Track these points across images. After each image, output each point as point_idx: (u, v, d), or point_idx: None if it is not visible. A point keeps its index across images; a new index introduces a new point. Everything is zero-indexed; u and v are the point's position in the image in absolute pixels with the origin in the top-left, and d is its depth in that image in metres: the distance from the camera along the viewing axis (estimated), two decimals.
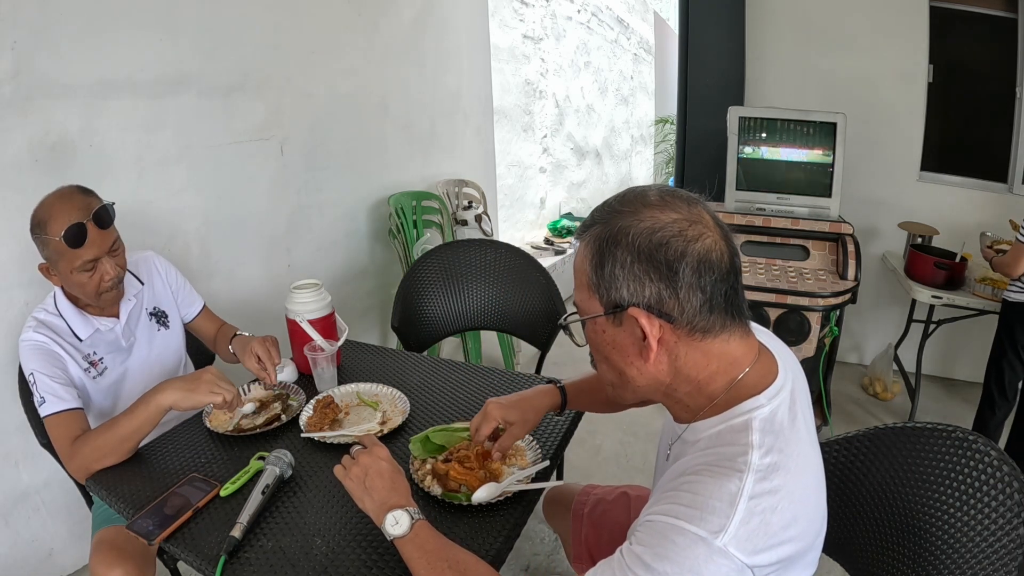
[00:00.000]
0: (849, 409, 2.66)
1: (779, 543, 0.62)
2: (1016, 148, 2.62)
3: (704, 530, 0.60)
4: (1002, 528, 0.76)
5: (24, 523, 1.68)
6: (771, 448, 0.65)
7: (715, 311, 0.67)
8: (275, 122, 2.23)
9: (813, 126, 2.29)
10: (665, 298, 0.66)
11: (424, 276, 1.98)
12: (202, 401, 1.11)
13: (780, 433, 0.67)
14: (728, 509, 0.61)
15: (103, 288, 1.21)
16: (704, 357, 0.69)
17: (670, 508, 0.64)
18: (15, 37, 1.48)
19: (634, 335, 0.69)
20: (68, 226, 1.12)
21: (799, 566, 0.67)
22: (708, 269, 0.66)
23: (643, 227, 0.66)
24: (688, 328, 0.67)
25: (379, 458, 0.91)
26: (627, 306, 0.67)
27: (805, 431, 0.70)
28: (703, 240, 0.66)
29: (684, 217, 0.67)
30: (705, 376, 0.70)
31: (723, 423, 0.69)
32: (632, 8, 6.69)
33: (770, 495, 0.62)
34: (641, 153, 7.34)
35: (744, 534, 0.60)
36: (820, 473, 0.72)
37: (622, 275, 0.67)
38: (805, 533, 0.66)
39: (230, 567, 0.89)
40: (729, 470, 0.64)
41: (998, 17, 2.59)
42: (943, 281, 2.29)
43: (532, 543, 1.86)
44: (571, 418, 1.24)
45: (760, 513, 0.61)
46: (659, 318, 0.67)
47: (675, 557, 0.60)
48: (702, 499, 0.62)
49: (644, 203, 0.69)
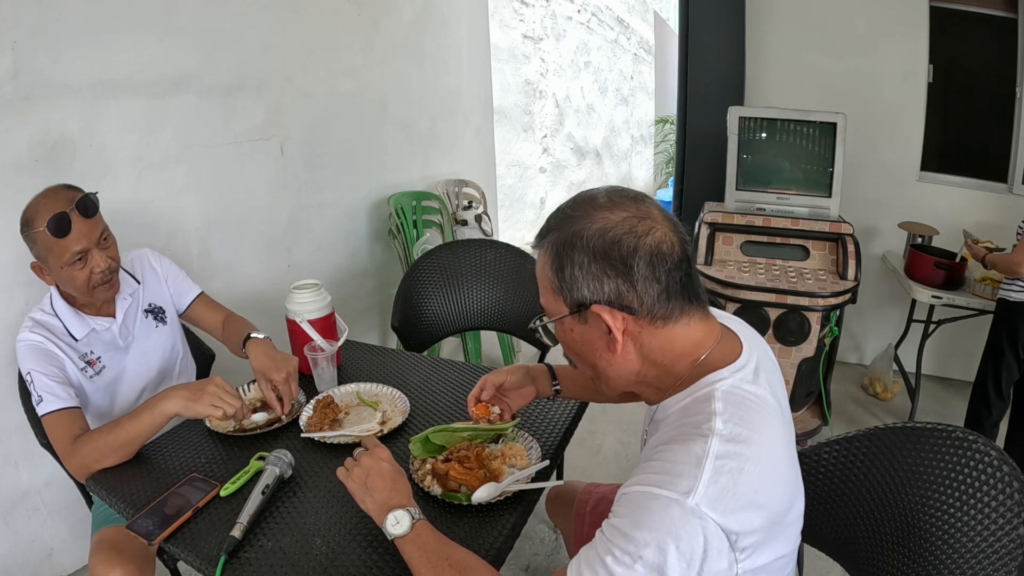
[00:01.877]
0: (849, 409, 2.66)
1: (751, 505, 0.64)
2: (1016, 148, 2.62)
3: (675, 492, 0.63)
4: (1002, 528, 0.76)
5: (24, 523, 1.68)
6: (733, 416, 0.68)
7: (672, 298, 0.71)
8: (275, 122, 2.23)
9: (813, 126, 2.29)
10: (624, 292, 0.70)
11: (424, 276, 1.98)
12: (202, 413, 1.11)
13: (742, 403, 0.70)
14: (695, 470, 0.63)
15: (94, 281, 1.20)
16: (668, 342, 0.74)
17: (642, 478, 0.67)
18: (15, 37, 1.48)
19: (600, 330, 0.73)
20: (52, 216, 1.12)
21: (777, 541, 0.69)
22: (661, 260, 0.70)
23: (595, 228, 0.70)
24: (649, 317, 0.71)
25: (380, 459, 0.92)
26: (590, 304, 0.71)
27: (774, 405, 0.73)
28: (653, 234, 0.70)
29: (633, 214, 0.71)
30: (671, 359, 0.74)
31: (688, 397, 0.73)
32: (632, 8, 6.69)
33: (736, 458, 0.65)
34: (641, 153, 7.34)
35: (714, 493, 0.63)
36: (790, 448, 0.73)
37: (581, 275, 0.71)
38: (776, 500, 0.67)
39: (230, 567, 0.89)
40: (695, 435, 0.67)
41: (998, 17, 2.59)
42: (943, 281, 2.29)
43: (532, 543, 1.86)
44: (571, 418, 1.24)
45: (728, 473, 0.64)
46: (621, 311, 0.71)
47: (651, 523, 0.63)
48: (671, 464, 0.66)
49: (594, 205, 0.73)
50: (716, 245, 2.33)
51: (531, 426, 1.21)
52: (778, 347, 2.16)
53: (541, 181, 5.20)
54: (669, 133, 6.58)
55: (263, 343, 1.32)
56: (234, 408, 1.12)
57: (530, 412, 1.26)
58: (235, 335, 1.37)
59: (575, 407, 1.27)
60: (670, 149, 6.43)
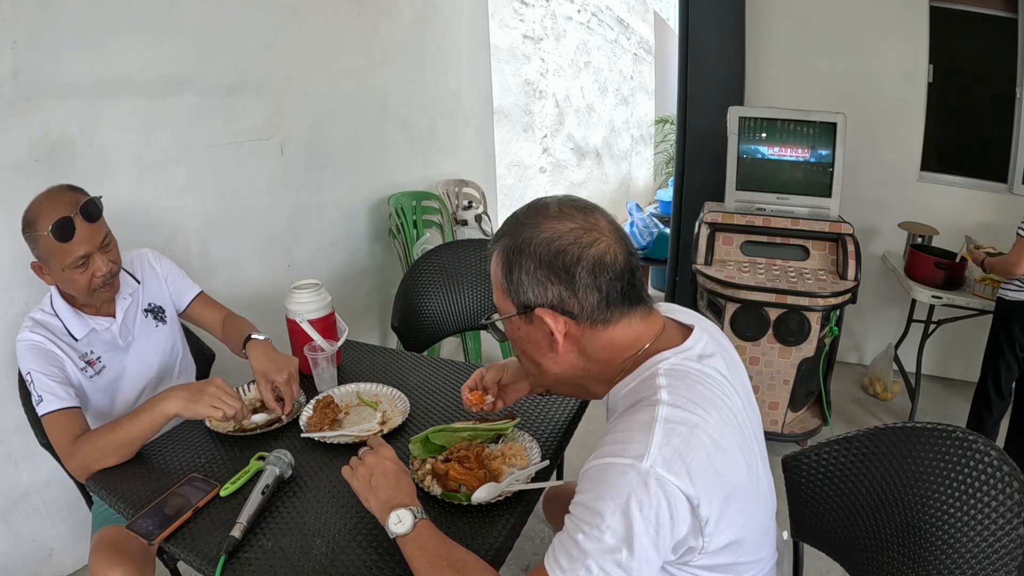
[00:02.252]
0: (849, 409, 2.66)
1: (706, 469, 0.67)
2: (1016, 148, 2.62)
3: (629, 457, 0.66)
4: (1002, 528, 0.76)
5: (24, 523, 1.68)
6: (678, 388, 0.72)
7: (612, 305, 0.76)
8: (275, 122, 2.23)
9: (813, 126, 2.29)
10: (566, 298, 0.75)
11: (424, 276, 1.98)
12: (202, 414, 1.11)
13: (685, 376, 0.74)
14: (646, 435, 0.67)
15: (95, 285, 1.20)
16: (608, 342, 0.78)
17: (598, 453, 0.70)
18: (15, 37, 1.48)
19: (544, 331, 0.77)
20: (55, 221, 1.12)
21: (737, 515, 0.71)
22: (602, 270, 0.74)
23: (543, 237, 0.75)
24: (589, 322, 0.76)
25: (384, 458, 0.93)
26: (534, 306, 0.76)
27: (721, 381, 0.76)
28: (597, 245, 0.74)
29: (579, 226, 0.75)
30: (613, 355, 0.79)
31: (635, 380, 0.77)
32: (632, 8, 6.69)
33: (684, 422, 0.68)
34: (641, 153, 7.34)
35: (668, 454, 0.66)
36: (746, 426, 0.76)
37: (527, 280, 0.75)
38: (732, 467, 0.70)
39: (230, 567, 0.89)
40: (643, 407, 0.71)
41: (998, 17, 2.59)
42: (943, 281, 2.29)
43: (532, 543, 1.86)
44: (571, 418, 1.24)
45: (679, 436, 0.67)
46: (563, 315, 0.75)
47: (612, 492, 0.65)
48: (622, 434, 0.69)
49: (544, 215, 0.77)
50: (716, 245, 2.33)
51: (531, 426, 1.21)
52: (778, 347, 2.17)
53: (541, 181, 5.20)
54: (669, 133, 6.58)
55: (263, 344, 1.31)
56: (234, 410, 1.11)
57: (530, 412, 1.26)
58: (235, 335, 1.37)
59: (575, 407, 1.27)
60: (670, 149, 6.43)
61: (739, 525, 0.71)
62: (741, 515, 0.71)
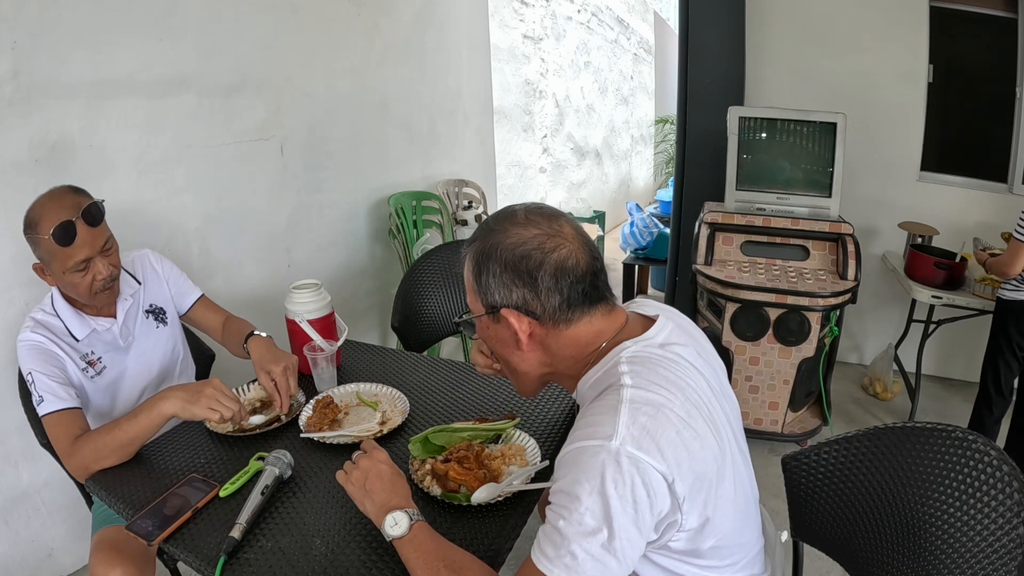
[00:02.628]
0: (849, 409, 2.66)
1: (676, 445, 0.69)
2: (1016, 148, 2.62)
3: (599, 439, 0.68)
4: (1002, 528, 0.76)
5: (24, 523, 1.68)
6: (640, 372, 0.74)
7: (573, 306, 0.79)
8: (275, 122, 2.23)
9: (813, 126, 2.29)
10: (529, 300, 0.79)
11: (424, 276, 1.98)
12: (199, 415, 1.10)
13: (647, 361, 0.76)
14: (613, 417, 0.69)
15: (96, 288, 1.20)
16: (572, 339, 0.82)
17: (570, 439, 0.73)
18: (15, 37, 1.48)
19: (510, 330, 0.82)
20: (57, 224, 1.12)
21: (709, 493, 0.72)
22: (564, 274, 0.78)
23: (509, 243, 0.79)
24: (552, 322, 0.80)
25: (379, 461, 0.93)
26: (500, 307, 0.80)
27: (686, 365, 0.79)
28: (559, 251, 0.78)
29: (544, 232, 0.79)
30: (577, 350, 0.82)
31: (600, 371, 0.80)
32: (632, 8, 6.69)
33: (649, 403, 0.71)
34: (641, 153, 7.34)
35: (636, 432, 0.68)
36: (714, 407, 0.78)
37: (494, 283, 0.80)
38: (700, 446, 0.71)
39: (230, 567, 0.89)
40: (608, 392, 0.74)
41: (998, 17, 2.59)
42: (943, 281, 2.29)
43: (532, 543, 1.86)
44: (571, 418, 1.24)
45: (645, 414, 0.69)
46: (527, 316, 0.80)
47: (587, 475, 0.67)
48: (591, 418, 0.72)
49: (512, 222, 0.81)
50: (716, 245, 2.33)
51: (531, 426, 1.21)
52: (778, 347, 2.17)
53: (541, 181, 5.20)
54: (669, 133, 6.58)
55: (264, 340, 1.34)
56: (231, 411, 1.11)
57: (530, 412, 1.26)
58: (236, 335, 1.38)
59: (575, 407, 1.27)
60: (670, 149, 6.43)
61: (712, 505, 0.73)
62: (714, 495, 0.73)
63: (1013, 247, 1.85)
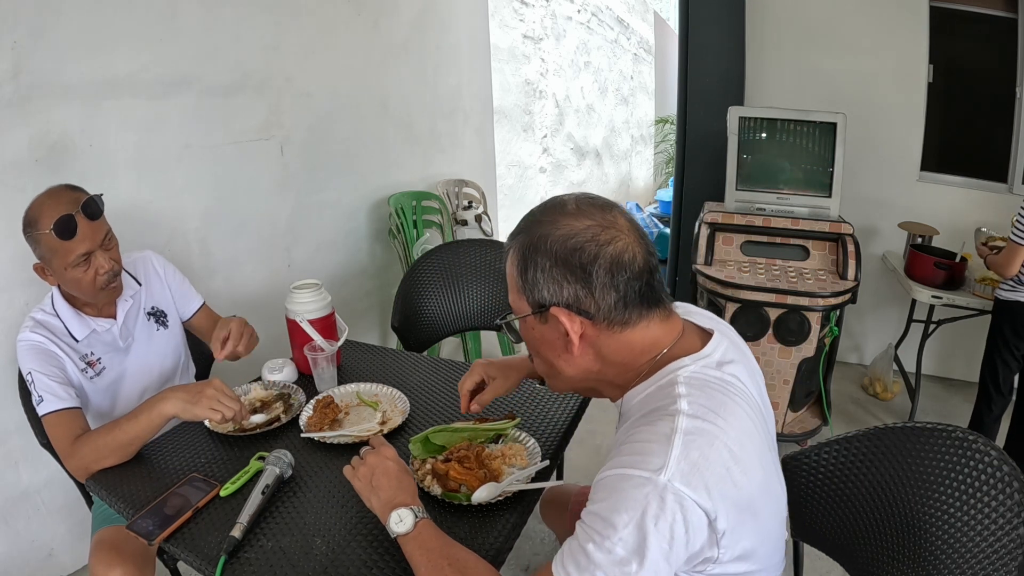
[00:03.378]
0: (849, 409, 2.66)
1: (723, 481, 0.65)
2: (1016, 148, 2.62)
3: (647, 470, 0.64)
4: (1002, 528, 0.76)
5: (24, 523, 1.68)
6: (698, 397, 0.70)
7: (629, 306, 0.73)
8: (275, 122, 2.23)
9: (813, 126, 2.29)
10: (582, 297, 0.72)
11: (424, 276, 1.98)
12: (200, 415, 1.10)
13: (705, 386, 0.71)
14: (665, 447, 0.65)
15: (99, 283, 1.20)
16: (626, 344, 0.75)
17: (615, 462, 0.68)
18: (15, 37, 1.48)
19: (559, 331, 0.75)
20: (57, 218, 1.12)
21: (752, 525, 0.69)
22: (620, 269, 0.72)
23: (559, 234, 0.73)
24: (606, 323, 0.74)
25: (386, 458, 0.93)
26: (549, 306, 0.74)
27: (743, 391, 0.74)
28: (615, 243, 0.72)
29: (597, 223, 0.73)
30: (630, 358, 0.77)
31: (652, 385, 0.75)
32: (632, 8, 6.69)
33: (704, 434, 0.66)
34: (641, 153, 7.34)
35: (686, 468, 0.64)
36: (766, 441, 0.74)
37: (543, 278, 0.73)
38: (749, 479, 0.68)
39: (230, 567, 0.89)
40: (662, 416, 0.69)
41: (998, 17, 2.59)
42: (943, 281, 2.29)
43: (532, 543, 1.86)
44: (571, 418, 1.24)
45: (698, 448, 0.65)
46: (579, 315, 0.73)
47: (627, 504, 0.64)
48: (640, 445, 0.67)
49: (561, 212, 0.75)
50: (716, 245, 2.33)
51: (531, 426, 1.21)
52: (778, 347, 2.16)
53: (541, 181, 5.20)
54: (669, 133, 6.58)
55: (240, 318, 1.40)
56: (232, 411, 1.11)
57: (530, 412, 1.26)
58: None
59: (575, 407, 1.27)
60: (670, 149, 6.43)
61: (753, 535, 0.70)
62: (756, 525, 0.70)
63: (1009, 249, 1.87)
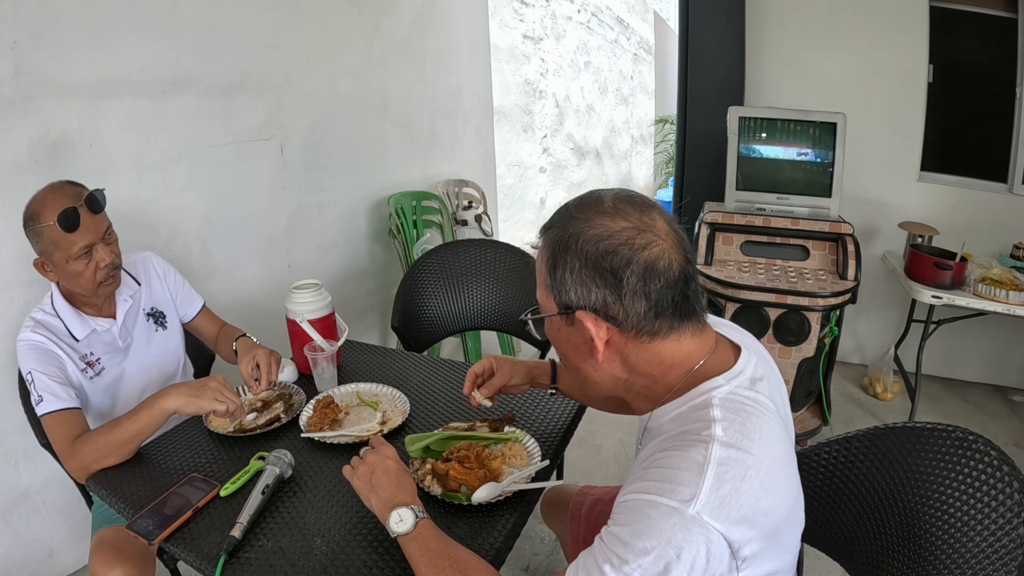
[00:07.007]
0: (849, 409, 2.66)
1: (753, 513, 0.63)
2: (1016, 148, 2.61)
3: (676, 500, 0.61)
4: (1002, 528, 0.76)
5: (24, 523, 1.68)
6: (733, 422, 0.66)
7: (661, 316, 0.69)
8: (275, 122, 2.23)
9: (813, 126, 2.29)
10: (611, 303, 0.69)
11: (424, 276, 1.98)
12: (205, 408, 1.11)
13: (741, 409, 0.68)
14: (697, 477, 0.62)
15: (100, 277, 1.21)
16: (655, 355, 0.72)
17: (642, 485, 0.65)
18: (15, 37, 1.48)
19: (584, 336, 0.72)
20: (61, 211, 1.13)
21: (777, 549, 0.68)
22: (654, 277, 0.68)
23: (592, 234, 0.69)
24: (634, 332, 0.70)
25: (386, 457, 0.93)
26: (576, 308, 0.71)
27: (773, 409, 0.72)
28: (651, 248, 0.68)
29: (634, 225, 0.69)
30: (660, 371, 0.73)
31: (684, 404, 0.71)
32: (632, 8, 6.70)
33: (738, 463, 0.64)
34: (641, 153, 7.34)
35: (716, 501, 0.61)
36: (790, 453, 0.72)
37: (571, 279, 0.70)
38: (777, 506, 0.66)
39: (230, 567, 0.89)
40: (695, 442, 0.65)
41: (998, 17, 2.59)
42: (943, 281, 2.29)
43: (532, 543, 1.86)
44: (571, 418, 1.24)
45: (730, 480, 0.62)
46: (605, 321, 0.70)
47: (651, 531, 0.61)
48: (671, 472, 0.64)
49: (598, 210, 0.71)
50: (716, 245, 2.33)
51: (531, 426, 1.21)
52: (778, 347, 2.16)
53: (541, 181, 5.20)
54: (669, 133, 6.58)
55: (253, 341, 1.41)
56: (235, 405, 1.12)
57: (530, 412, 1.26)
58: (227, 338, 1.44)
59: (575, 407, 1.27)
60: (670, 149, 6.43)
61: (776, 557, 0.69)
62: (779, 549, 0.69)
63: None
